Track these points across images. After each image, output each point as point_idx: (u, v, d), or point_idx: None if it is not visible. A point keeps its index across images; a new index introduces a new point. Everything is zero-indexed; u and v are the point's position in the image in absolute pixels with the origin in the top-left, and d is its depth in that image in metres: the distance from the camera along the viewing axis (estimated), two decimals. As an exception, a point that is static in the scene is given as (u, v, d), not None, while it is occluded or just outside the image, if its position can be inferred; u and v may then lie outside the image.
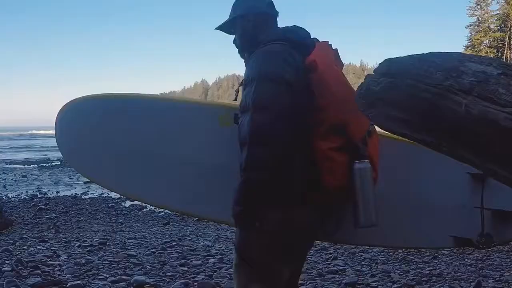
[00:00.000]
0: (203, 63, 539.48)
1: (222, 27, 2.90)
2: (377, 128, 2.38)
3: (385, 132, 2.22)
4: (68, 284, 5.47)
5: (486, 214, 3.13)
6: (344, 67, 2.83)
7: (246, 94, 2.50)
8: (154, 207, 10.28)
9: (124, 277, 5.92)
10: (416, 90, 1.55)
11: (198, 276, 6.17)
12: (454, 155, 1.84)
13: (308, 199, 2.52)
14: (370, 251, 7.71)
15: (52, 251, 7.45)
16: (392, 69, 1.64)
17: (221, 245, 8.63)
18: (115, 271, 6.29)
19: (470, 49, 70.07)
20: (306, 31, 2.73)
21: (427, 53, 1.72)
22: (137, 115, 3.33)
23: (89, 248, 7.76)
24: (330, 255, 7.35)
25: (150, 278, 5.89)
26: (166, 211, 13.69)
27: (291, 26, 2.73)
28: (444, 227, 3.20)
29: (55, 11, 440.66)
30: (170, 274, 6.22)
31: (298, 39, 2.59)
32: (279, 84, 2.42)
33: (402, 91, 1.58)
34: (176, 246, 8.34)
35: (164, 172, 3.22)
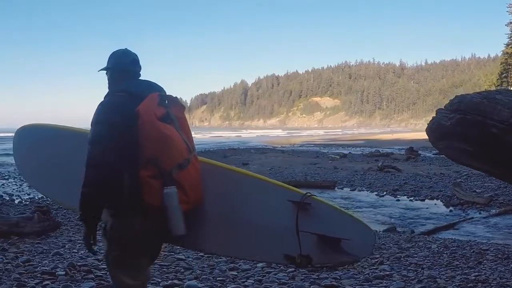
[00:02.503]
0: (242, 64, 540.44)
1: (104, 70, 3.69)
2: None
3: (219, 164, 3.85)
4: None
5: (313, 237, 3.57)
6: (383, 66, 2.96)
7: (90, 133, 3.31)
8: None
9: (176, 281, 6.00)
10: (484, 126, 1.63)
11: (248, 280, 6.24)
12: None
13: (138, 212, 3.29)
14: (416, 256, 7.66)
15: (103, 255, 7.52)
16: (462, 106, 1.79)
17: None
18: (166, 275, 6.38)
19: (512, 46, 70.56)
20: (151, 86, 3.52)
21: (493, 91, 1.81)
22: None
23: None
24: (376, 260, 7.37)
25: (201, 283, 5.99)
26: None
27: (141, 81, 3.59)
28: (276, 244, 3.67)
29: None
30: (221, 278, 6.28)
31: (135, 92, 3.36)
32: (108, 127, 3.22)
33: (471, 127, 1.69)
34: None
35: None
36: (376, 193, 18.67)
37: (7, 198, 16.40)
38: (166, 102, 3.45)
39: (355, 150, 47.99)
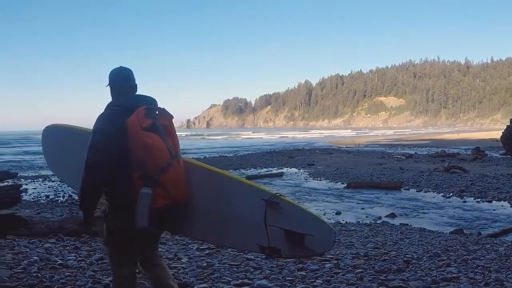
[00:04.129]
0: (306, 64, 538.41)
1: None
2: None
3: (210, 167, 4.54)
4: (195, 287, 5.74)
5: (281, 232, 4.06)
6: (448, 64, 3.12)
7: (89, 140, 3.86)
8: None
9: (246, 280, 6.08)
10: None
11: (317, 281, 6.25)
12: None
13: (127, 206, 3.81)
14: (483, 258, 7.59)
15: (173, 254, 7.74)
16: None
17: (335, 249, 8.34)
18: (236, 274, 6.46)
19: None
20: (142, 100, 4.02)
21: None
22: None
23: (207, 251, 7.95)
24: (443, 262, 7.33)
25: (271, 283, 6.04)
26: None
27: (134, 95, 4.10)
28: (251, 236, 4.17)
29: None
30: (290, 278, 6.32)
31: (127, 106, 3.88)
32: (102, 136, 3.78)
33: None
34: None
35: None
36: (442, 194, 18.35)
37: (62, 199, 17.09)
38: (155, 113, 3.98)
39: (420, 151, 47.13)
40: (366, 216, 14.68)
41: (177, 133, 4.17)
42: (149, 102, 4.04)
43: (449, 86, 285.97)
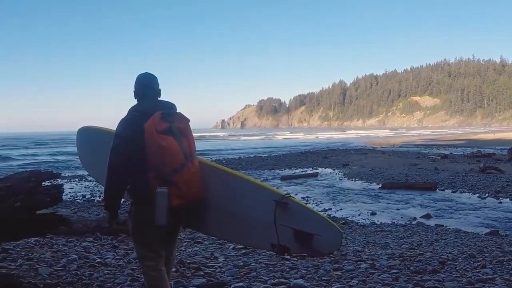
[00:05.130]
0: (340, 64, 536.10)
1: None
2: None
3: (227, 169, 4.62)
4: (232, 286, 5.71)
5: (291, 231, 4.21)
6: (483, 63, 3.21)
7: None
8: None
9: (283, 280, 6.03)
10: None
11: (352, 281, 6.21)
12: None
13: (146, 203, 4.03)
14: (519, 260, 7.54)
15: (209, 253, 7.80)
16: None
17: (371, 250, 8.44)
18: (273, 274, 6.46)
19: None
20: (159, 105, 4.23)
21: None
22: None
23: (243, 251, 8.02)
24: (478, 263, 7.28)
25: (307, 282, 5.97)
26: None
27: (153, 101, 4.28)
28: (264, 235, 4.31)
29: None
30: (326, 278, 6.29)
31: (144, 111, 4.10)
32: (121, 139, 4.03)
33: None
34: None
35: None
36: (477, 195, 18.13)
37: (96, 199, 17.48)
38: (172, 117, 4.18)
39: (456, 151, 46.51)
40: (401, 217, 14.64)
41: (209, 133, 4.38)
42: (167, 107, 4.26)
43: (485, 85, 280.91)
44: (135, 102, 4.33)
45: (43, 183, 4.49)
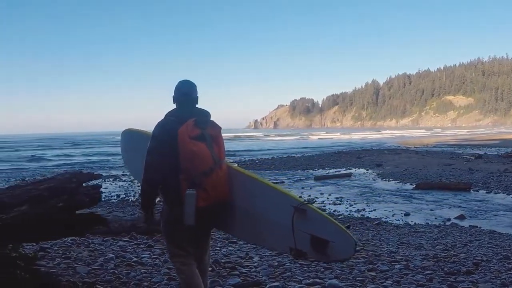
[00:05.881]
0: (373, 63, 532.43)
1: None
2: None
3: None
4: (267, 286, 5.76)
5: (308, 236, 4.30)
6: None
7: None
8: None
9: (317, 280, 6.06)
10: None
11: (386, 281, 6.25)
12: None
13: (177, 203, 4.21)
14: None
15: (244, 253, 7.88)
16: None
17: (405, 250, 8.45)
18: (307, 274, 6.49)
19: None
20: (194, 112, 4.40)
21: None
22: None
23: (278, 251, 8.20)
24: (512, 265, 7.19)
25: (342, 282, 6.03)
26: (346, 214, 14.03)
27: (189, 108, 4.44)
28: (283, 238, 4.41)
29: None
30: (360, 278, 6.34)
31: (180, 117, 4.29)
32: (157, 142, 4.26)
33: None
34: (361, 250, 8.39)
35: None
36: (513, 195, 17.86)
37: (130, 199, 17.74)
38: (205, 124, 4.37)
39: (490, 151, 45.71)
40: (435, 218, 14.53)
41: (243, 133, 4.43)
42: (202, 114, 4.44)
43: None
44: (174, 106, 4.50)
45: (83, 184, 4.61)
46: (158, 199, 4.44)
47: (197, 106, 4.54)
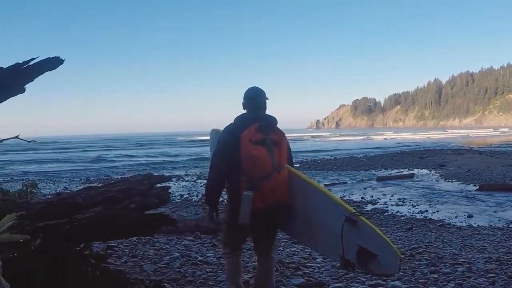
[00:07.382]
0: (435, 62, 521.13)
1: None
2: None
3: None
4: (330, 286, 5.82)
5: (355, 247, 4.33)
6: None
7: None
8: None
9: (380, 281, 6.05)
10: None
11: (449, 284, 6.20)
12: None
13: (237, 201, 4.43)
14: None
15: (307, 253, 7.87)
16: None
17: (468, 253, 8.41)
18: (370, 275, 6.31)
19: None
20: (259, 118, 4.59)
21: None
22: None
23: None
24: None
25: (404, 284, 6.04)
26: (408, 215, 13.90)
27: (253, 114, 4.65)
28: (334, 246, 4.46)
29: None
30: (422, 280, 6.30)
31: (244, 122, 4.54)
32: (222, 144, 4.55)
33: None
34: (424, 252, 8.38)
35: None
36: None
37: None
38: (268, 130, 4.54)
39: (557, 150, 44.46)
40: (499, 220, 14.19)
41: (305, 133, 4.60)
42: (267, 120, 4.65)
43: None
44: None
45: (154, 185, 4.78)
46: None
47: (266, 112, 4.74)
